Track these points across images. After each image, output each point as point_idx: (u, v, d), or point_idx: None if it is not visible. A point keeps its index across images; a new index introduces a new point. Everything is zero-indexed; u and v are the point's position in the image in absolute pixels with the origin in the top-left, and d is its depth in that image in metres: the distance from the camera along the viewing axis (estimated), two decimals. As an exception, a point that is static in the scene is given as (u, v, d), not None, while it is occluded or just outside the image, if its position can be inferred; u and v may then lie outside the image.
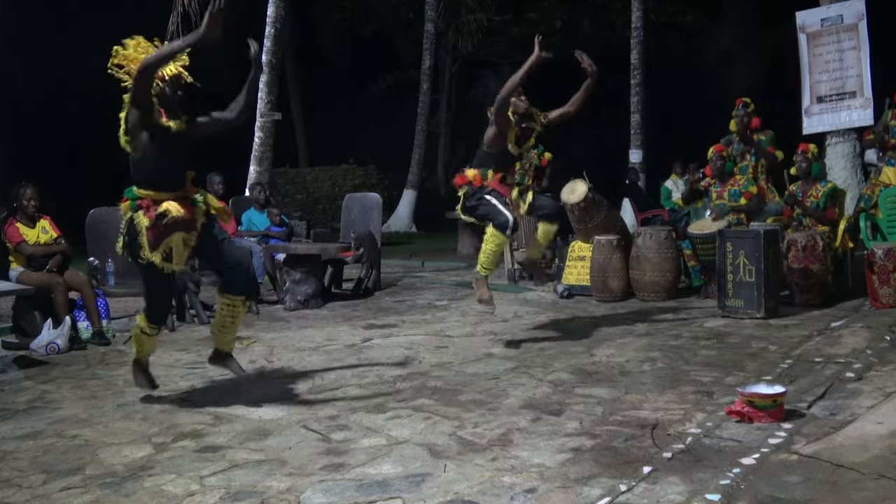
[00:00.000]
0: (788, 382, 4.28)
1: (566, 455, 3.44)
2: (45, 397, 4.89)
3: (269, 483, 3.28)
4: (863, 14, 9.42)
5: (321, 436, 3.87)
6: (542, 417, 4.01)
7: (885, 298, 6.29)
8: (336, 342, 6.22)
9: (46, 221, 6.68)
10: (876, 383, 4.22)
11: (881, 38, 9.54)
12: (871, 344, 5.12)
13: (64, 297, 6.42)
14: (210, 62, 5.59)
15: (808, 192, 7.27)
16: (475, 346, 5.88)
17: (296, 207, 15.59)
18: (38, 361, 5.91)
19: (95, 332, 6.50)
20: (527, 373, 4.96)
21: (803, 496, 2.86)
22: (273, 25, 11.70)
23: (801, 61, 10.02)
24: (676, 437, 3.58)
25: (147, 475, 3.43)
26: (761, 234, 6.39)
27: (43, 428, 4.21)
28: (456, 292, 8.83)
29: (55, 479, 3.44)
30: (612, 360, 5.21)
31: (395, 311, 7.68)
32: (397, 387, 4.75)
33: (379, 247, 9.32)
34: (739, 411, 3.73)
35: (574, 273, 8.13)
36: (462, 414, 4.12)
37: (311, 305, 8.05)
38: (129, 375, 5.34)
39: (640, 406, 4.14)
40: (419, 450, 3.59)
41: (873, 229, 7.41)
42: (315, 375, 5.13)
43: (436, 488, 3.14)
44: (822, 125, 9.86)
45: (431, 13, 19.76)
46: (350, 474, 3.33)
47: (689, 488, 2.99)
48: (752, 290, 6.33)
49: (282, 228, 9.21)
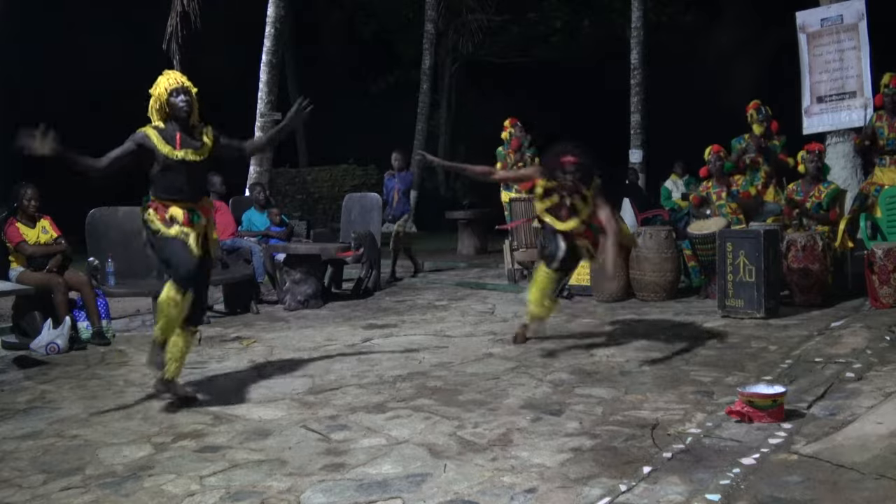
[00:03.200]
0: (788, 382, 4.28)
1: (566, 455, 3.44)
2: (45, 397, 4.89)
3: (269, 483, 3.28)
4: (863, 14, 9.41)
5: (321, 436, 3.87)
6: (542, 417, 4.01)
7: (884, 298, 6.30)
8: (336, 342, 6.22)
9: (47, 221, 6.68)
10: (876, 383, 4.23)
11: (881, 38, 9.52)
12: (870, 344, 5.12)
13: (64, 296, 6.43)
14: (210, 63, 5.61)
15: (810, 193, 7.27)
16: (475, 346, 5.88)
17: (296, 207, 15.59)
18: (38, 361, 5.91)
19: (95, 332, 6.51)
20: (527, 373, 4.96)
21: (803, 496, 2.86)
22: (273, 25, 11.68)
23: (800, 61, 10.02)
24: (676, 437, 3.58)
25: (147, 475, 3.43)
26: (761, 234, 6.40)
27: (43, 428, 4.21)
28: (456, 292, 8.83)
29: (55, 479, 3.44)
30: (612, 360, 5.21)
31: (395, 311, 7.68)
32: (397, 387, 4.75)
33: (379, 247, 9.32)
34: (739, 411, 3.73)
35: (574, 273, 8.11)
36: (462, 414, 4.12)
37: (311, 305, 8.05)
38: (129, 375, 5.38)
39: (640, 406, 4.15)
40: (419, 450, 3.59)
41: (873, 229, 7.41)
42: (315, 375, 5.13)
43: (436, 488, 3.14)
44: (822, 125, 9.85)
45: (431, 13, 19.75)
46: (350, 474, 3.34)
47: (689, 488, 2.99)
48: (752, 290, 6.34)
49: (282, 228, 9.21)
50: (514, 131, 9.90)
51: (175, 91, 4.49)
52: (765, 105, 8.27)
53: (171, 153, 4.45)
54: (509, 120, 10.06)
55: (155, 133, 4.49)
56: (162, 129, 4.52)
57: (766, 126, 8.16)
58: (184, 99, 4.49)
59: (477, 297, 8.34)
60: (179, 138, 4.49)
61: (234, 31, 18.02)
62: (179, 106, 4.49)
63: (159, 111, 4.54)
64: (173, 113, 4.51)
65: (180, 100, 4.49)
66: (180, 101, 4.49)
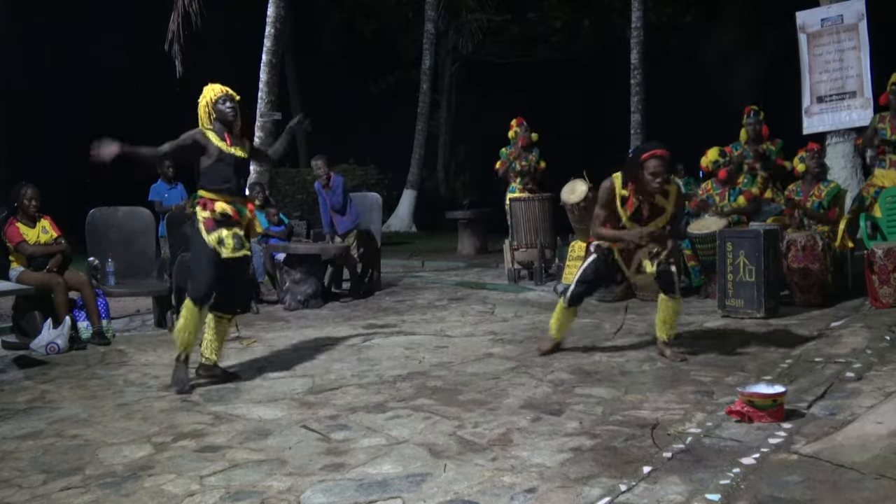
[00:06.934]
0: (788, 382, 4.28)
1: (566, 455, 3.44)
2: (44, 397, 4.89)
3: (269, 483, 3.28)
4: (863, 14, 9.42)
5: (321, 435, 3.87)
6: (542, 417, 4.01)
7: (884, 298, 6.29)
8: (336, 342, 6.22)
9: (47, 221, 6.68)
10: (876, 383, 4.22)
11: (881, 38, 9.53)
12: (870, 344, 5.12)
13: (64, 296, 6.43)
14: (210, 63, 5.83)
15: (810, 192, 7.27)
16: (475, 345, 5.88)
17: (296, 207, 15.58)
18: (38, 361, 5.91)
19: (95, 332, 6.51)
20: (527, 372, 4.96)
21: (803, 496, 2.86)
22: (273, 25, 11.69)
23: (801, 61, 10.03)
24: (676, 437, 3.58)
25: (147, 475, 3.42)
26: (761, 234, 6.40)
27: (43, 428, 4.21)
28: (456, 292, 8.83)
29: (55, 479, 3.43)
30: (612, 360, 5.21)
31: (395, 311, 7.68)
32: (397, 386, 4.75)
33: (379, 246, 9.32)
34: (739, 411, 3.72)
35: (574, 273, 8.09)
36: (462, 414, 4.12)
37: (311, 305, 8.05)
38: (129, 375, 5.38)
39: (640, 406, 4.15)
40: (419, 449, 3.59)
41: (873, 229, 7.41)
42: (315, 375, 5.13)
43: (436, 488, 3.14)
44: (823, 125, 9.86)
45: (431, 13, 19.76)
46: (350, 474, 3.33)
47: (689, 488, 2.99)
48: (752, 290, 6.34)
49: (280, 228, 9.21)
50: (521, 131, 9.89)
51: (222, 98, 5.04)
52: (759, 109, 8.25)
53: (225, 147, 5.01)
54: (516, 119, 10.05)
55: (210, 131, 5.05)
56: (213, 130, 5.07)
57: (758, 131, 8.14)
58: (230, 105, 5.05)
59: (477, 297, 8.34)
60: (228, 137, 5.07)
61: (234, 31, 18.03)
62: (226, 111, 5.04)
63: (207, 116, 5.07)
64: (221, 117, 5.04)
65: (227, 106, 5.04)
66: (227, 108, 5.04)
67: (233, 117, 5.07)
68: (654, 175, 4.85)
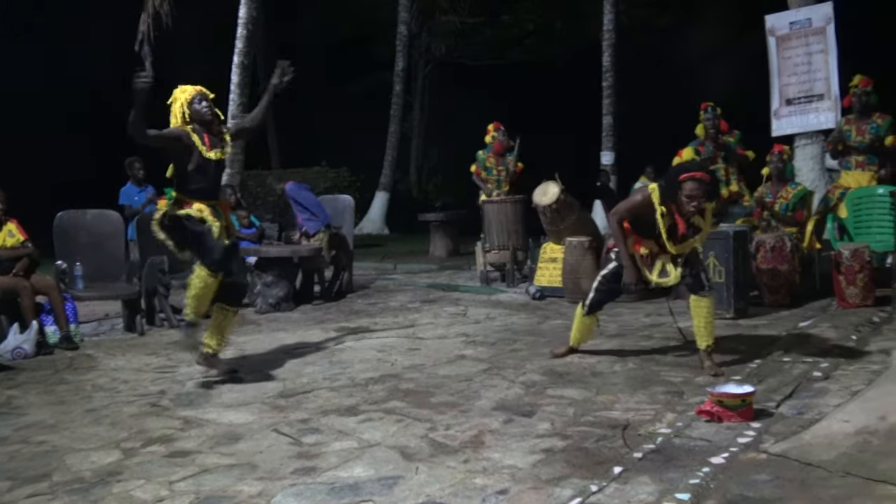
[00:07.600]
0: (757, 382, 4.32)
1: (538, 456, 3.45)
2: (11, 403, 4.81)
3: (240, 487, 3.25)
4: (831, 18, 9.53)
5: (292, 439, 3.85)
6: (513, 419, 4.02)
7: (851, 298, 6.38)
8: (308, 345, 6.19)
9: (13, 225, 6.57)
10: (843, 382, 4.28)
11: (849, 42, 9.65)
12: (837, 343, 5.19)
13: (31, 300, 6.34)
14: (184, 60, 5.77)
15: (778, 194, 7.35)
16: (447, 348, 5.88)
17: (267, 210, 15.50)
18: (4, 366, 5.82)
19: (63, 337, 6.42)
20: (499, 374, 4.97)
21: (772, 494, 2.89)
22: (245, 27, 11.64)
23: (770, 64, 10.13)
24: (647, 438, 3.60)
25: (116, 481, 3.38)
26: (731, 235, 6.46)
27: (9, 434, 4.14)
28: (428, 294, 8.83)
29: (21, 485, 3.38)
30: (584, 361, 5.23)
31: (367, 314, 7.66)
32: (369, 389, 4.73)
33: (351, 249, 9.29)
34: (709, 411, 3.76)
35: (546, 275, 8.16)
36: (434, 416, 4.12)
37: (283, 308, 8.01)
38: (97, 380, 5.31)
39: (611, 407, 4.17)
40: (391, 452, 3.58)
41: (840, 230, 7.50)
42: (286, 379, 5.10)
43: (408, 491, 3.13)
44: (791, 127, 9.96)
45: (405, 15, 19.75)
46: (322, 478, 3.32)
47: (660, 488, 3.01)
48: (721, 291, 6.39)
49: (251, 230, 9.15)
50: (498, 135, 9.85)
51: (197, 98, 4.94)
52: (715, 105, 8.30)
53: (205, 152, 4.91)
54: (493, 124, 10.00)
55: (194, 134, 4.92)
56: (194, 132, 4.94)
57: (716, 125, 8.19)
58: (206, 105, 4.95)
59: (449, 299, 8.34)
60: (208, 140, 4.96)
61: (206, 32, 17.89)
62: (203, 111, 4.94)
63: (182, 119, 4.94)
64: (198, 118, 4.94)
65: (203, 105, 4.94)
66: (203, 107, 4.94)
67: (210, 116, 4.99)
68: (690, 198, 4.65)
